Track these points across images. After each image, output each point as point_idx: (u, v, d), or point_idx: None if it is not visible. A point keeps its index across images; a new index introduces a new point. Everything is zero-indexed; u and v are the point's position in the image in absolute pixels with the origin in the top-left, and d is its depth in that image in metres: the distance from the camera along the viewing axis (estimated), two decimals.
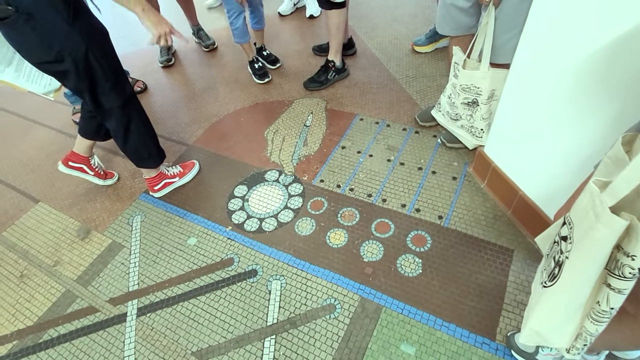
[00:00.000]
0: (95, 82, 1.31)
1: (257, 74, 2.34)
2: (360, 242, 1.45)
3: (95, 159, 1.77)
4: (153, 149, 1.60)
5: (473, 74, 1.45)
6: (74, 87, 1.33)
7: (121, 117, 1.45)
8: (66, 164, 1.68)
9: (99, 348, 1.29)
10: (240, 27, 2.15)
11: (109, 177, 1.82)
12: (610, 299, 0.63)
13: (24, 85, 1.28)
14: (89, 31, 1.24)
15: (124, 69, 1.41)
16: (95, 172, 1.75)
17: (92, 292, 1.44)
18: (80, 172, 1.72)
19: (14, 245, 1.64)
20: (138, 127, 1.51)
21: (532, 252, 1.35)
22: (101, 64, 1.28)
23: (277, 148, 1.90)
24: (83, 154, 1.70)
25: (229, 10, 2.10)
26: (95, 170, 1.76)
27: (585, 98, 1.01)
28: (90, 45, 1.23)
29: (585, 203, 0.62)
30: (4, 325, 1.38)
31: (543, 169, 1.25)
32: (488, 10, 1.33)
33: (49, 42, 1.18)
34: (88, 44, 1.23)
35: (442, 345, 1.17)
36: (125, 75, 1.42)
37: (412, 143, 1.81)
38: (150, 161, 1.62)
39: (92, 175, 1.75)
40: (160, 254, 1.52)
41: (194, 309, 1.34)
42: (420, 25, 2.61)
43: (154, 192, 1.72)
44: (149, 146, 1.58)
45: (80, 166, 1.71)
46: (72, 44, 1.20)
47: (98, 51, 1.26)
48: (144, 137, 1.55)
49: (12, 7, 1.09)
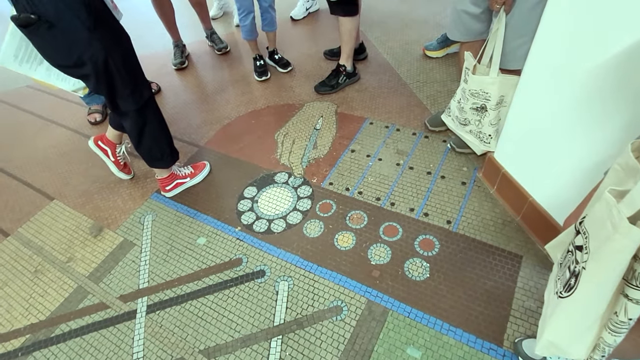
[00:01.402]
0: (114, 87, 1.35)
1: (257, 71, 2.43)
2: (368, 245, 1.46)
3: (123, 148, 1.83)
4: (166, 150, 1.63)
5: (482, 79, 1.45)
6: (94, 89, 1.37)
7: (137, 119, 1.48)
8: (95, 142, 1.77)
9: (108, 344, 1.31)
10: (249, 25, 2.26)
11: (126, 171, 1.86)
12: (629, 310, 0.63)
13: (55, 83, 1.33)
14: (110, 38, 1.27)
15: (143, 74, 1.45)
16: (115, 160, 1.81)
17: (103, 288, 1.47)
18: (103, 155, 1.78)
19: (29, 241, 1.68)
20: (153, 129, 1.54)
21: (541, 258, 1.34)
22: (120, 71, 1.31)
23: (287, 150, 1.92)
24: (112, 140, 1.77)
25: (239, 8, 2.21)
26: (117, 159, 1.81)
27: (596, 105, 1.01)
28: (110, 52, 1.26)
29: (601, 213, 0.62)
30: (18, 319, 1.42)
31: (553, 175, 1.25)
32: (499, 17, 1.34)
33: (69, 48, 1.21)
34: (108, 51, 1.26)
35: (448, 350, 1.16)
36: (144, 81, 1.45)
37: (422, 147, 1.82)
38: (163, 162, 1.65)
39: (112, 162, 1.80)
40: (170, 253, 1.54)
41: (202, 308, 1.36)
42: (432, 30, 2.62)
43: (166, 192, 1.75)
44: (163, 147, 1.62)
45: (106, 149, 1.78)
46: (91, 51, 1.23)
47: (118, 58, 1.29)
48: (158, 139, 1.59)
49: (35, 15, 1.12)
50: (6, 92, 2.72)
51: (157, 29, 2.75)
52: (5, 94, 2.71)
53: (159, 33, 2.78)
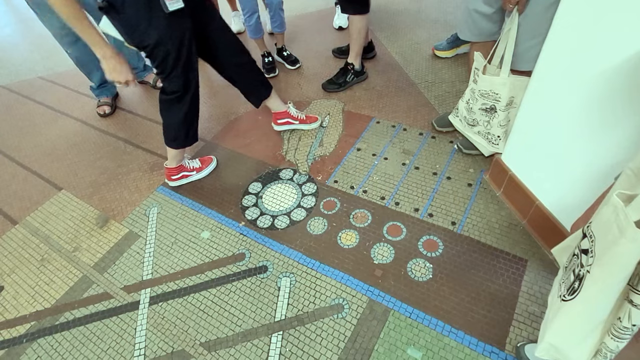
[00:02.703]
0: (163, 69, 1.44)
1: (265, 68, 2.44)
2: (371, 244, 1.45)
3: (290, 106, 1.94)
4: (181, 135, 1.67)
5: (493, 79, 1.43)
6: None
7: (167, 99, 1.55)
8: (276, 123, 1.96)
9: (111, 333, 1.32)
10: (254, 25, 2.28)
11: (311, 120, 1.98)
12: (632, 316, 0.62)
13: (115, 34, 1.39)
14: (163, 28, 1.34)
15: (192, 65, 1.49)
16: (300, 119, 1.96)
17: (107, 278, 1.48)
18: (288, 125, 1.96)
19: (37, 230, 1.70)
20: (179, 111, 1.59)
21: (546, 263, 1.32)
22: (167, 57, 1.40)
23: (292, 147, 1.92)
24: (279, 110, 1.91)
25: (244, 9, 2.23)
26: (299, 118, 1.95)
27: (606, 109, 0.99)
28: (162, 41, 1.35)
29: (608, 216, 0.61)
30: (24, 306, 1.44)
31: (561, 179, 1.23)
32: (512, 17, 1.32)
33: (131, 33, 1.34)
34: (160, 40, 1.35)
35: (449, 351, 1.16)
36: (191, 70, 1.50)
37: (428, 148, 1.80)
38: (174, 144, 1.69)
39: (298, 123, 1.96)
40: (174, 246, 1.56)
41: (204, 301, 1.37)
42: (442, 30, 2.60)
43: (171, 180, 1.78)
44: (179, 131, 1.65)
45: (287, 120, 1.94)
46: (148, 39, 1.34)
47: (170, 46, 1.38)
48: (179, 122, 1.63)
49: (105, 2, 1.26)
50: (18, 83, 2.76)
51: None
52: (17, 84, 2.75)
53: None
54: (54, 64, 2.91)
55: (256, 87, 1.81)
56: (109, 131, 2.20)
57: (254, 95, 1.83)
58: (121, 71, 1.38)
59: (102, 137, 2.17)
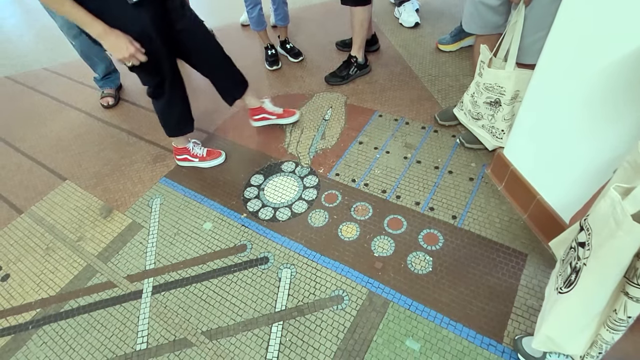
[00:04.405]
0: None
1: (268, 60, 2.44)
2: (371, 236, 1.46)
3: (267, 102, 1.93)
4: (170, 124, 1.72)
5: (498, 73, 1.42)
6: None
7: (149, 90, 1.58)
8: (253, 119, 1.95)
9: (115, 321, 1.35)
10: (256, 17, 2.28)
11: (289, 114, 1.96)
12: (628, 308, 0.62)
13: None
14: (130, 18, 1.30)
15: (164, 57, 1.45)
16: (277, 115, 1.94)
17: (111, 268, 1.50)
18: (265, 121, 1.96)
19: (42, 219, 1.72)
20: (160, 101, 1.61)
21: (546, 257, 1.32)
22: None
23: (295, 140, 1.92)
24: (255, 106, 1.90)
25: (246, 1, 2.22)
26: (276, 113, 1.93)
27: (608, 104, 0.99)
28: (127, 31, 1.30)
29: (606, 210, 0.61)
30: (29, 294, 1.47)
31: (563, 173, 1.23)
32: (518, 9, 1.31)
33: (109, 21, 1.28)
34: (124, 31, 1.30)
35: (447, 343, 1.17)
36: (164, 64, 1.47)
37: (430, 142, 1.80)
38: (165, 130, 1.74)
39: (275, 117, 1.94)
40: (176, 236, 1.57)
41: (206, 291, 1.39)
42: (446, 23, 2.58)
43: (177, 160, 1.86)
44: (167, 120, 1.71)
45: (263, 115, 1.94)
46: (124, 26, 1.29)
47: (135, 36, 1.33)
48: (162, 112, 1.67)
49: None
50: (23, 74, 2.77)
51: None
52: (22, 75, 2.76)
53: None
54: (58, 55, 2.92)
55: (228, 86, 1.79)
56: (112, 122, 2.21)
57: (227, 95, 1.81)
58: (120, 46, 1.29)
59: (105, 128, 2.18)
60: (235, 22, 2.93)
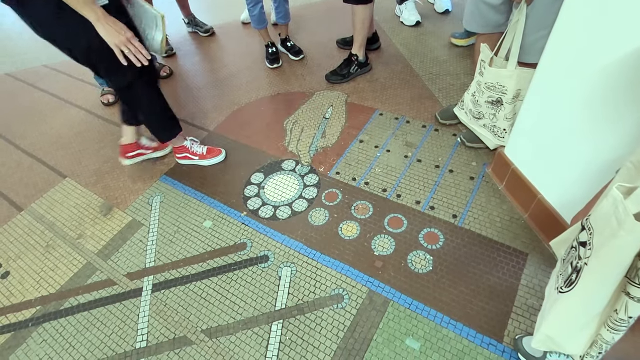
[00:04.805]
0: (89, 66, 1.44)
1: (269, 59, 2.43)
2: (372, 235, 1.46)
3: (143, 139, 1.87)
4: (153, 125, 1.70)
5: (500, 72, 1.42)
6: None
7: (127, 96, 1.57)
8: (125, 157, 1.83)
9: (115, 319, 1.35)
10: (257, 15, 2.27)
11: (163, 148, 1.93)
12: (629, 308, 0.62)
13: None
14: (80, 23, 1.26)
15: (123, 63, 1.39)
16: (152, 148, 1.89)
17: (111, 266, 1.50)
18: (141, 157, 1.87)
19: (42, 217, 1.72)
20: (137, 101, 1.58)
21: (547, 257, 1.32)
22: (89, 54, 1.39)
23: (295, 138, 1.92)
24: (130, 142, 1.81)
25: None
26: (152, 147, 1.88)
27: (609, 104, 0.98)
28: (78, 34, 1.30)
29: (608, 209, 0.61)
30: (29, 291, 1.46)
31: (564, 173, 1.22)
32: (520, 8, 1.30)
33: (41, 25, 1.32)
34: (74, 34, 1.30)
35: (447, 343, 1.17)
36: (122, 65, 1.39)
37: (431, 141, 1.80)
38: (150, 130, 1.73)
39: (152, 152, 1.89)
40: (177, 234, 1.57)
41: (206, 289, 1.38)
42: (449, 22, 2.57)
43: (177, 158, 1.86)
44: (150, 122, 1.69)
45: (138, 152, 1.85)
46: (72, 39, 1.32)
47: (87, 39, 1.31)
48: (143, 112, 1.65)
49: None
50: (23, 71, 2.77)
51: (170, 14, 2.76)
52: (22, 72, 2.76)
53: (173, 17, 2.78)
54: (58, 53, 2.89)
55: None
56: (113, 120, 2.21)
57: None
58: (113, 33, 1.26)
59: (106, 126, 2.18)
60: (236, 20, 2.92)
